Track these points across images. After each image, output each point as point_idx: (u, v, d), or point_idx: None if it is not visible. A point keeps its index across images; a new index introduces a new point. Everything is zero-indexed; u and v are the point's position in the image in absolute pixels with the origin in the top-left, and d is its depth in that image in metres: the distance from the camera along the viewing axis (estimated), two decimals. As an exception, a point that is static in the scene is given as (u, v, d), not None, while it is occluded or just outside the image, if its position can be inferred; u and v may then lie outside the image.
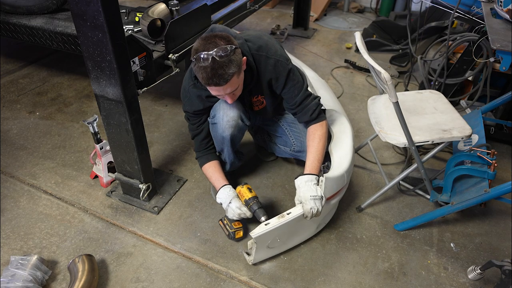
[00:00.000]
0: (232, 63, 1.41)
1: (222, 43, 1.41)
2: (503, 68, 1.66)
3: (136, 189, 1.88)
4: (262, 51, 1.59)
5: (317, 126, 1.71)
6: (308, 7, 3.90)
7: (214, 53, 1.38)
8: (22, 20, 2.16)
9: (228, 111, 1.69)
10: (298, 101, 1.68)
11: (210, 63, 1.38)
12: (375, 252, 1.75)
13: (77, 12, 1.36)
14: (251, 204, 1.65)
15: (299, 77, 1.68)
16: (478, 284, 1.62)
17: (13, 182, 2.08)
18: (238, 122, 1.71)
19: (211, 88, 1.47)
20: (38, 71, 3.20)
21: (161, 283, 1.60)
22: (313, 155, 1.65)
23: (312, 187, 1.54)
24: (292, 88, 1.66)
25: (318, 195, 1.53)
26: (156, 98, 2.88)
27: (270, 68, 1.60)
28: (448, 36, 2.30)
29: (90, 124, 1.84)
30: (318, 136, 1.69)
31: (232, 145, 1.80)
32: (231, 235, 1.73)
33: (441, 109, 1.85)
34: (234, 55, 1.42)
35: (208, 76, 1.40)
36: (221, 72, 1.39)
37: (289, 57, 1.70)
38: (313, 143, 1.68)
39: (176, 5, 2.14)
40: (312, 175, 1.58)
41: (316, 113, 1.69)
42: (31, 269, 1.51)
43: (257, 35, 1.65)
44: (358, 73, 3.31)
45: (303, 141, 1.85)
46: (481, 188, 1.57)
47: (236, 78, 1.46)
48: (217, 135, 1.76)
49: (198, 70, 1.42)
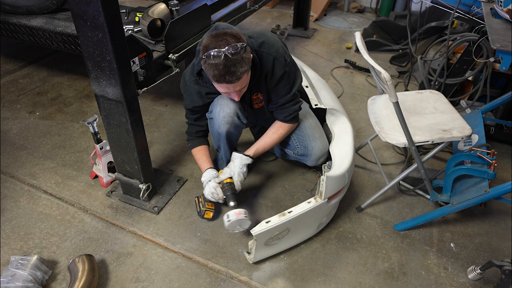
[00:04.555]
0: (244, 60, 1.42)
1: (233, 40, 1.41)
2: (503, 68, 1.66)
3: (136, 189, 1.88)
4: (264, 47, 1.61)
5: (286, 125, 1.82)
6: (308, 7, 3.90)
7: (226, 50, 1.38)
8: (22, 20, 2.16)
9: (225, 107, 1.71)
10: (280, 102, 1.73)
11: (222, 60, 1.38)
12: (375, 252, 1.75)
13: (77, 12, 1.36)
14: (226, 188, 1.74)
15: (292, 81, 1.71)
16: (478, 284, 1.62)
17: (13, 182, 2.08)
18: (234, 118, 1.73)
19: (222, 85, 1.48)
20: (38, 71, 3.20)
21: (161, 283, 1.60)
22: (263, 144, 1.81)
23: (243, 167, 1.75)
24: (281, 89, 1.69)
25: (244, 172, 1.76)
26: (156, 98, 2.88)
27: (269, 64, 1.62)
28: (448, 36, 2.30)
29: (90, 124, 1.84)
30: (279, 132, 1.82)
31: (229, 143, 1.83)
32: (201, 213, 1.81)
33: (441, 109, 1.85)
34: (245, 52, 1.43)
35: (221, 74, 1.40)
36: (234, 70, 1.40)
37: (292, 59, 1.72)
38: (271, 134, 1.82)
39: (176, 5, 2.14)
40: (249, 158, 1.76)
41: (290, 117, 1.78)
42: (31, 269, 1.51)
43: (260, 32, 1.66)
44: (358, 73, 3.31)
45: (306, 145, 1.86)
46: (481, 188, 1.57)
47: (246, 75, 1.48)
48: (214, 131, 1.80)
49: (209, 68, 1.42)
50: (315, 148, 1.85)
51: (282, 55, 1.63)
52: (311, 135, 1.85)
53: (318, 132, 1.88)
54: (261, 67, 1.62)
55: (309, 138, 1.85)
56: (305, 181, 2.13)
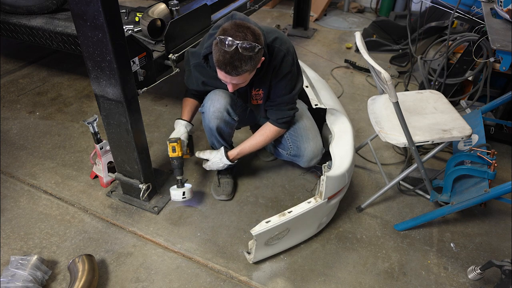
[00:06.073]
0: (252, 61, 1.42)
1: (252, 38, 1.41)
2: (503, 68, 1.66)
3: (136, 189, 1.88)
4: (276, 42, 1.61)
5: (275, 129, 1.80)
6: (308, 7, 3.90)
7: (240, 44, 1.37)
8: (22, 20, 2.16)
9: (215, 103, 1.73)
10: (277, 101, 1.73)
11: (232, 51, 1.38)
12: (375, 252, 1.75)
13: (77, 12, 1.35)
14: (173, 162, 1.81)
15: (293, 83, 1.72)
16: (478, 284, 1.62)
17: (13, 182, 2.08)
18: (223, 114, 1.74)
19: (221, 72, 1.48)
20: (38, 71, 3.20)
21: (161, 283, 1.60)
22: (248, 146, 1.84)
23: (220, 163, 1.85)
24: (281, 87, 1.69)
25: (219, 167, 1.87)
26: (156, 98, 2.88)
27: (278, 59, 1.62)
28: (448, 36, 2.30)
29: (90, 124, 1.84)
30: (267, 135, 1.82)
31: (222, 139, 1.85)
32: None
33: (441, 109, 1.85)
34: (256, 54, 1.43)
35: (224, 62, 1.41)
36: (237, 64, 1.40)
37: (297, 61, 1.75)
38: (258, 137, 1.83)
39: (176, 5, 2.14)
40: (227, 160, 1.83)
41: (282, 120, 1.77)
42: (31, 269, 1.51)
43: (272, 29, 1.68)
44: (358, 73, 3.31)
45: (299, 146, 1.85)
46: (481, 188, 1.57)
47: (247, 74, 1.48)
48: (205, 126, 1.83)
49: (217, 51, 1.42)
50: (307, 149, 1.84)
51: (292, 54, 1.65)
52: (304, 135, 1.84)
53: (313, 133, 1.87)
54: (270, 61, 1.62)
55: (303, 139, 1.84)
56: (305, 181, 2.13)
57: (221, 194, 1.98)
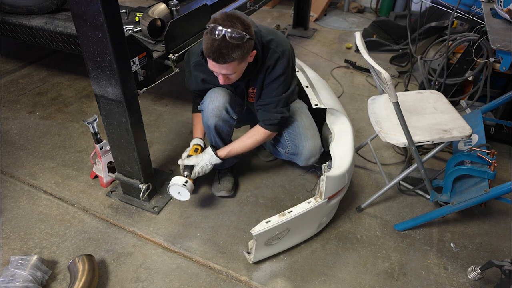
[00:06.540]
0: (239, 49, 1.43)
1: (241, 28, 1.42)
2: (503, 68, 1.66)
3: (136, 189, 1.88)
4: (272, 44, 1.62)
5: (263, 131, 1.79)
6: (308, 7, 3.90)
7: (227, 32, 1.39)
8: (22, 20, 2.16)
9: (214, 100, 1.73)
10: (266, 102, 1.73)
11: (219, 39, 1.39)
12: (375, 252, 1.75)
13: (77, 12, 1.36)
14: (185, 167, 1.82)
15: (286, 87, 1.71)
16: (478, 284, 1.62)
17: (13, 182, 2.08)
18: (222, 112, 1.74)
19: (209, 61, 1.50)
20: (38, 71, 3.20)
21: (161, 283, 1.60)
22: (236, 147, 1.81)
23: (210, 165, 1.80)
24: (273, 89, 1.69)
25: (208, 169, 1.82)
26: (156, 98, 2.88)
27: (272, 60, 1.63)
28: (448, 36, 2.30)
29: (90, 124, 1.84)
30: (255, 138, 1.79)
31: (220, 137, 1.84)
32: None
33: (441, 109, 1.85)
34: (244, 43, 1.43)
35: (211, 49, 1.42)
36: (224, 52, 1.41)
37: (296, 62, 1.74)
38: (246, 139, 1.81)
39: (176, 5, 2.14)
40: (219, 159, 1.80)
41: (269, 122, 1.76)
42: (31, 269, 1.51)
43: (272, 30, 1.68)
44: (358, 73, 3.31)
45: (297, 144, 1.85)
46: (481, 188, 1.57)
47: (236, 64, 1.48)
48: (204, 123, 1.82)
49: (206, 39, 1.44)
50: (305, 147, 1.84)
51: (287, 57, 1.64)
52: (303, 134, 1.84)
53: (311, 132, 1.86)
54: (263, 61, 1.62)
55: (301, 137, 1.84)
56: (305, 181, 2.13)
57: (222, 190, 1.98)
